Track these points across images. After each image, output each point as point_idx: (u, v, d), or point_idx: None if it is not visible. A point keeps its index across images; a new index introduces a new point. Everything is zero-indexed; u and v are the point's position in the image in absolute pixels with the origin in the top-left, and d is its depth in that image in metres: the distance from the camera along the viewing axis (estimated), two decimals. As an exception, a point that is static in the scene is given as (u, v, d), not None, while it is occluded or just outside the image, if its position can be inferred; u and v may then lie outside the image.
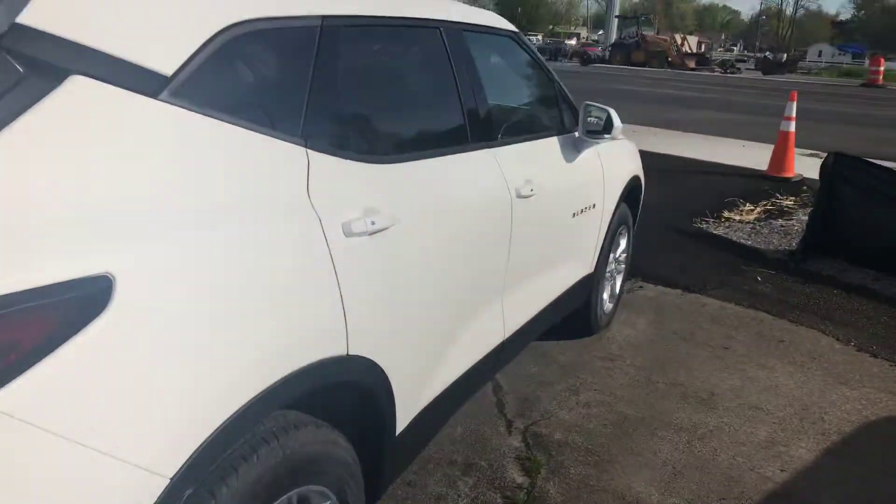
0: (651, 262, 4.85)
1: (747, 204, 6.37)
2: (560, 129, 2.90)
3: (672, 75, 32.00)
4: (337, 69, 1.64)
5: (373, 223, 1.55)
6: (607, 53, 41.93)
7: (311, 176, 1.46)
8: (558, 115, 2.95)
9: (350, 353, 1.49)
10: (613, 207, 3.38)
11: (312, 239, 1.41)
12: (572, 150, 2.90)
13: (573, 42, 58.30)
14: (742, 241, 5.45)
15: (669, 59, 38.60)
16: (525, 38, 2.76)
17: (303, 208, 1.42)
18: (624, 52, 40.16)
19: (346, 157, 1.59)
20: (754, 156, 8.77)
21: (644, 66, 37.34)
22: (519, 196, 2.32)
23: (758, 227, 5.80)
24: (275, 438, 1.36)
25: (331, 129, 1.59)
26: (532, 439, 2.74)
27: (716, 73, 36.51)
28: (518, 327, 2.54)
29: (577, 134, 2.94)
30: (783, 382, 3.30)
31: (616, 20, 49.53)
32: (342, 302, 1.46)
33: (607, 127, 2.88)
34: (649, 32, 43.06)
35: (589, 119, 2.92)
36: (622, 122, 2.95)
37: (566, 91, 3.03)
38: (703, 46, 52.97)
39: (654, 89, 22.03)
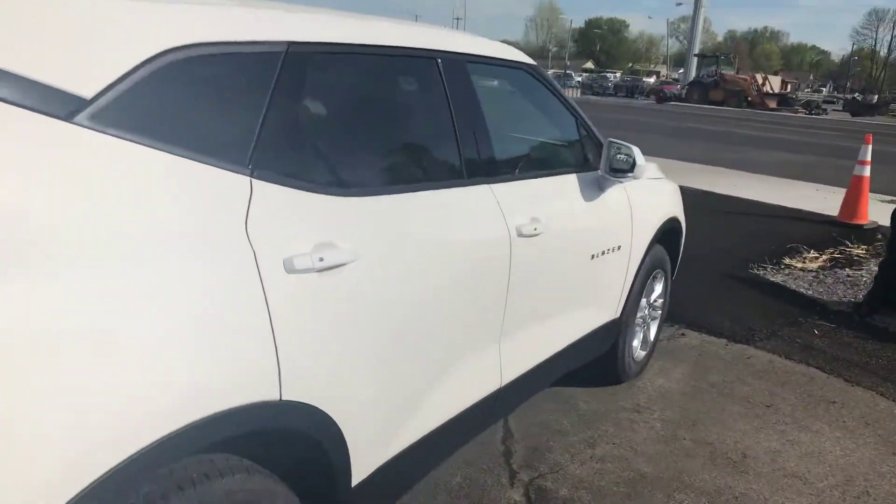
0: (697, 309, 4.57)
1: (812, 251, 5.98)
2: (581, 167, 2.76)
3: (750, 115, 31.06)
4: (300, 97, 1.58)
5: (321, 259, 1.46)
6: (684, 92, 41.22)
7: (252, 207, 1.38)
8: (579, 152, 2.81)
9: (284, 398, 1.39)
10: (644, 250, 3.19)
11: (242, 274, 1.33)
12: (594, 188, 2.75)
13: (651, 80, 57.78)
14: (801, 290, 5.09)
15: (749, 98, 37.60)
16: (543, 71, 2.64)
17: (236, 241, 1.33)
18: (702, 90, 39.46)
19: (303, 189, 1.51)
20: (827, 200, 8.30)
21: (722, 106, 36.49)
22: (520, 235, 2.19)
23: (821, 277, 5.42)
24: (192, 486, 1.27)
25: (287, 160, 1.52)
26: (535, 494, 2.56)
27: (799, 114, 35.23)
28: (519, 374, 2.39)
29: (600, 172, 2.79)
30: (828, 449, 2.99)
31: (696, 59, 48.78)
32: (275, 344, 1.36)
33: (633, 166, 2.72)
34: (729, 71, 42.08)
35: (618, 157, 2.76)
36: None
37: (592, 128, 2.89)
38: (788, 86, 51.28)
39: (728, 128, 21.40)
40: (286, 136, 1.53)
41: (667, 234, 3.43)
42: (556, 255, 2.46)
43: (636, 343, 3.48)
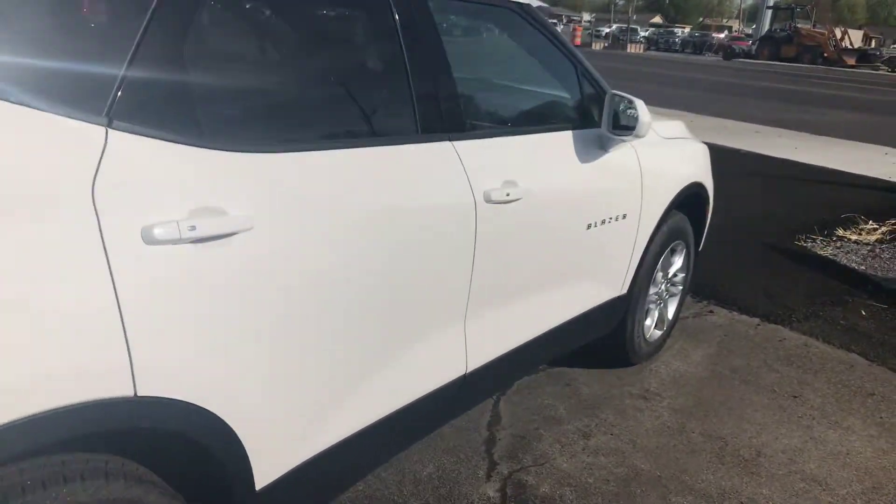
0: (730, 284, 4.19)
1: (870, 222, 5.44)
2: (579, 123, 2.42)
3: (825, 73, 29.28)
4: (188, 29, 1.31)
5: (192, 228, 1.21)
6: (754, 48, 39.17)
7: (103, 165, 1.14)
8: (578, 106, 2.47)
9: (140, 394, 1.17)
10: (657, 219, 2.83)
11: (83, 246, 1.09)
12: (593, 147, 2.41)
13: (722, 35, 55.26)
14: (853, 265, 4.62)
15: (825, 54, 35.44)
16: (535, 11, 2.29)
17: (76, 206, 1.09)
18: (773, 45, 37.48)
19: (182, 143, 1.26)
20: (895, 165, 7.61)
21: (794, 62, 34.55)
22: (489, 201, 1.90)
23: (878, 251, 4.91)
24: (21, 495, 1.08)
25: (164, 107, 1.26)
26: (512, 489, 2.31)
27: (881, 72, 33.02)
28: (492, 359, 2.12)
29: (602, 129, 2.44)
30: (858, 449, 2.64)
31: (769, 12, 46.12)
32: (124, 331, 1.14)
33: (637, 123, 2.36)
34: (804, 25, 39.67)
35: (628, 112, 2.40)
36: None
37: (597, 79, 2.53)
38: (872, 42, 48.06)
39: (797, 87, 20.17)
40: (165, 77, 1.27)
41: (689, 200, 3.06)
42: (537, 224, 2.16)
43: (649, 322, 3.16)
